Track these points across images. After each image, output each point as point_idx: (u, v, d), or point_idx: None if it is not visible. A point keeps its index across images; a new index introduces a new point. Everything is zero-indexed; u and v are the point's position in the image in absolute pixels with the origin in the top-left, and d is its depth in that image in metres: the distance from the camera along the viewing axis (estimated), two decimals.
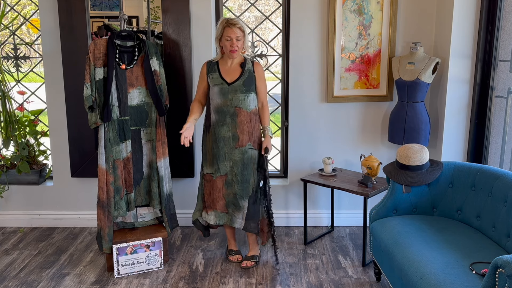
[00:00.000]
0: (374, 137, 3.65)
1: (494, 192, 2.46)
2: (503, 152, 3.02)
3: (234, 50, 2.85)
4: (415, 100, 3.26)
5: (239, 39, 2.84)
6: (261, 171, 3.01)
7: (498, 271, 1.69)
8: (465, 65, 3.21)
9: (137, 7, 3.51)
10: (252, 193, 3.00)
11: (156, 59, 3.08)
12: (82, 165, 3.58)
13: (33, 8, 3.99)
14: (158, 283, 2.92)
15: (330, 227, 3.73)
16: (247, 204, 3.00)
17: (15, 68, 3.78)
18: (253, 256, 3.14)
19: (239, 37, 2.83)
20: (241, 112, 2.93)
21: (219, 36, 2.88)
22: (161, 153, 3.13)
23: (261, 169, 3.00)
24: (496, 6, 3.03)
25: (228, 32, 2.83)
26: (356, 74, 3.53)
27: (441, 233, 2.47)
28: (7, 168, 3.74)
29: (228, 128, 2.94)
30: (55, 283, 2.93)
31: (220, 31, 2.86)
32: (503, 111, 3.01)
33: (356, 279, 2.95)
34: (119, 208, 3.07)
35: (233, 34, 2.82)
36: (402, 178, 2.71)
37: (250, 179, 2.99)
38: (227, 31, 2.83)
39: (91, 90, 2.92)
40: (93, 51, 2.93)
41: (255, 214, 3.02)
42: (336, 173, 3.42)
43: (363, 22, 3.45)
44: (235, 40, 2.83)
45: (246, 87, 2.93)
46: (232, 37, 2.82)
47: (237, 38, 2.83)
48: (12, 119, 3.65)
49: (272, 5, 4.17)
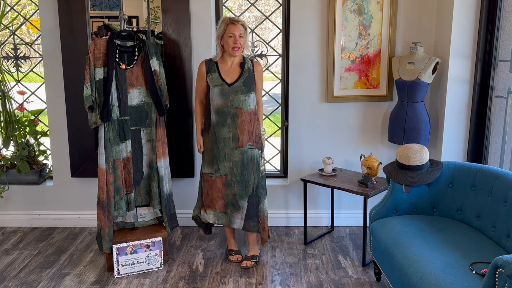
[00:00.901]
0: (374, 137, 3.65)
1: (494, 192, 2.46)
2: (503, 152, 3.02)
3: (236, 46, 2.84)
4: (415, 100, 3.26)
5: (241, 36, 2.84)
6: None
7: (498, 271, 1.69)
8: (465, 65, 3.21)
9: (137, 7, 3.51)
10: (252, 192, 3.00)
11: (156, 59, 3.08)
12: (82, 165, 3.58)
13: (33, 8, 3.99)
14: (158, 283, 2.92)
15: (330, 227, 3.73)
16: (247, 204, 3.01)
17: (15, 68, 3.78)
18: (253, 256, 3.14)
19: (242, 34, 2.84)
20: (242, 112, 2.93)
21: (221, 34, 2.87)
22: (161, 153, 3.13)
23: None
24: (496, 6, 3.03)
25: (232, 29, 2.82)
26: (356, 74, 3.53)
27: (441, 233, 2.47)
28: (7, 168, 3.74)
29: (229, 129, 2.94)
30: (55, 283, 2.93)
31: (222, 29, 2.85)
32: (503, 111, 3.01)
33: (356, 279, 2.96)
34: (119, 208, 3.07)
35: (237, 31, 2.82)
36: (402, 178, 2.71)
37: (250, 179, 2.99)
38: (230, 28, 2.82)
39: (91, 90, 2.92)
40: (93, 51, 2.92)
41: (254, 213, 3.03)
42: (336, 173, 3.42)
43: (363, 22, 3.45)
44: (238, 37, 2.83)
45: (246, 87, 2.92)
46: (236, 33, 2.82)
47: (240, 35, 2.83)
48: (12, 119, 3.65)
49: (272, 5, 4.17)
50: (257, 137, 3.01)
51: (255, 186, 3.01)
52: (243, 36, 2.86)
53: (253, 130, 2.98)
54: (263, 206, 3.07)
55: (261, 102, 3.08)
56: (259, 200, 3.05)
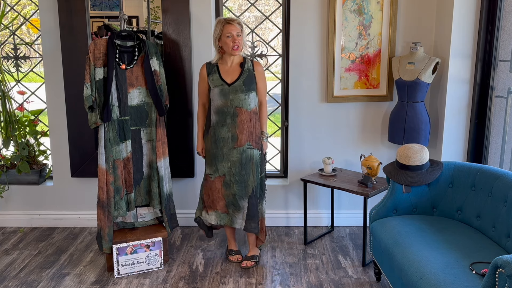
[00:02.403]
0: (374, 137, 3.65)
1: (494, 192, 2.46)
2: (503, 152, 3.02)
3: (236, 45, 2.85)
4: (415, 100, 3.26)
5: (239, 34, 2.85)
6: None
7: (498, 271, 1.69)
8: (465, 65, 3.21)
9: (137, 7, 3.51)
10: (251, 193, 2.99)
11: (156, 59, 3.08)
12: (82, 165, 3.58)
13: (33, 8, 3.99)
14: (158, 283, 2.92)
15: (330, 227, 3.73)
16: (247, 204, 3.00)
17: (15, 68, 3.78)
18: (253, 256, 3.14)
19: (239, 32, 2.85)
20: (242, 111, 2.92)
21: (219, 36, 2.87)
22: (161, 153, 3.13)
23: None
24: (496, 6, 3.03)
25: (228, 29, 2.83)
26: (356, 74, 3.53)
27: (441, 233, 2.47)
28: (7, 168, 3.74)
29: (228, 129, 2.93)
30: (55, 283, 2.93)
31: (219, 30, 2.85)
32: (503, 111, 3.01)
33: (356, 279, 2.95)
34: (119, 208, 3.07)
35: (234, 30, 2.83)
36: (402, 178, 2.71)
37: (249, 179, 2.98)
38: (227, 28, 2.83)
39: (91, 90, 2.92)
40: (93, 51, 2.92)
41: (255, 214, 3.02)
42: (336, 173, 3.42)
43: (363, 22, 3.45)
44: (236, 36, 2.84)
45: (246, 86, 2.92)
46: (233, 33, 2.83)
47: (237, 34, 2.84)
48: (12, 119, 3.65)
49: (272, 5, 4.17)
50: (257, 137, 3.00)
51: (255, 186, 3.00)
52: (241, 34, 2.87)
53: (253, 130, 2.97)
54: (262, 208, 3.07)
55: (265, 104, 3.05)
56: (258, 201, 3.04)
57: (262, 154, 3.04)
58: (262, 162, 3.04)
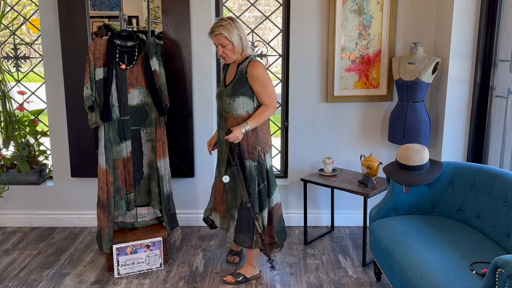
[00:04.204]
0: (374, 137, 3.65)
1: (494, 192, 2.46)
2: (503, 152, 3.02)
3: (222, 57, 2.70)
4: (415, 100, 3.26)
5: (224, 45, 2.64)
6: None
7: (498, 271, 1.69)
8: (465, 65, 3.21)
9: (137, 7, 3.51)
10: (240, 205, 2.77)
11: (156, 59, 3.08)
12: (82, 165, 3.58)
13: (33, 8, 3.99)
14: (158, 283, 2.92)
15: (330, 227, 3.73)
16: (237, 216, 2.80)
17: (15, 68, 3.78)
18: (237, 274, 2.90)
19: (223, 44, 2.64)
20: (229, 117, 2.72)
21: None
22: (161, 153, 3.13)
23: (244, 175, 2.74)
24: (496, 6, 3.03)
25: (213, 40, 2.70)
26: (356, 74, 3.53)
27: (441, 233, 2.47)
28: (7, 168, 3.74)
29: (223, 133, 2.79)
30: (55, 283, 2.93)
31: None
32: (503, 111, 3.02)
33: (356, 279, 2.96)
34: (119, 208, 3.07)
35: (216, 42, 2.66)
36: (402, 178, 2.71)
37: (238, 190, 2.76)
38: (211, 38, 2.71)
39: (91, 90, 2.92)
40: (93, 51, 2.92)
41: (244, 228, 2.78)
42: (336, 173, 3.42)
43: (363, 22, 3.45)
44: (220, 47, 2.66)
45: (234, 90, 2.67)
46: (217, 44, 2.68)
47: (221, 45, 2.64)
48: (12, 119, 3.65)
49: (272, 5, 4.17)
50: (252, 147, 2.72)
51: (248, 199, 2.72)
52: (227, 45, 2.63)
53: (246, 138, 2.71)
54: (260, 224, 2.79)
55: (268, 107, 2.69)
56: (253, 214, 2.75)
57: (261, 165, 2.75)
58: (260, 173, 2.76)
